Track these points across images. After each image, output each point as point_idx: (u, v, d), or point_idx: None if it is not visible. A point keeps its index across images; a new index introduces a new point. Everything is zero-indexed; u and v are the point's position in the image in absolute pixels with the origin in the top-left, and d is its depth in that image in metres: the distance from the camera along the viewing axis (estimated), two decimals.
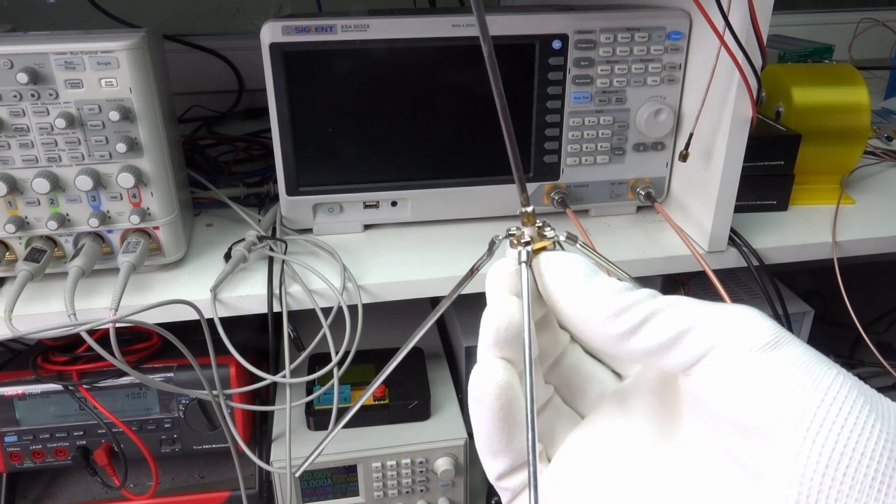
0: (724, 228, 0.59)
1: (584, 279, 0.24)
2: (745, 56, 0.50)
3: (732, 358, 0.22)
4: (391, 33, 0.57)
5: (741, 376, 0.21)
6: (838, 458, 0.19)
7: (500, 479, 0.26)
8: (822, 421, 0.20)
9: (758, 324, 0.22)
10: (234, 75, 1.03)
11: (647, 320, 0.23)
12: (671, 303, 0.23)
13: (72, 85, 0.49)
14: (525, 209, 0.25)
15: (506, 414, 0.24)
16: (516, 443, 0.25)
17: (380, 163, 0.62)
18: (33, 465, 0.72)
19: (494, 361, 0.24)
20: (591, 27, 0.59)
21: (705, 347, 0.22)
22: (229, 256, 0.58)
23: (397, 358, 0.28)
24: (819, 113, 0.68)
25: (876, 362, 0.69)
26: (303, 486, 0.73)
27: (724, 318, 0.22)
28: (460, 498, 0.77)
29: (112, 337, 0.50)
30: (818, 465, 0.19)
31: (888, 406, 0.21)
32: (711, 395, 0.22)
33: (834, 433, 0.20)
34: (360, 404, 0.33)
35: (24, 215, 0.53)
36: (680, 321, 0.23)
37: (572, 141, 0.63)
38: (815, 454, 0.19)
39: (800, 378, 0.21)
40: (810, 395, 0.20)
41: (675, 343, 0.23)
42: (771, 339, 0.22)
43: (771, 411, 0.21)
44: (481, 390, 0.24)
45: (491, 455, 0.26)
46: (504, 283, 0.25)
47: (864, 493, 0.19)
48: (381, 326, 0.73)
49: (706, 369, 0.22)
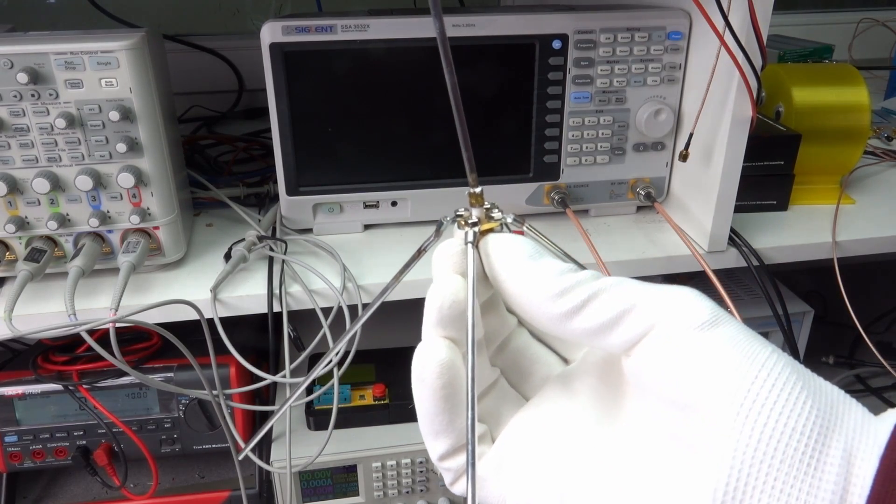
0: (724, 228, 0.59)
1: (529, 260, 0.24)
2: (745, 56, 0.50)
3: (670, 337, 0.22)
4: (391, 33, 0.57)
5: (678, 355, 0.22)
6: (769, 433, 0.20)
7: (441, 460, 0.26)
8: (756, 397, 0.20)
9: (696, 304, 0.23)
10: (234, 75, 1.03)
11: (589, 301, 0.23)
12: (613, 284, 0.24)
13: (72, 85, 0.49)
14: (473, 190, 0.26)
15: (447, 393, 0.24)
16: (458, 423, 0.25)
17: (380, 163, 0.62)
18: (33, 465, 0.72)
19: (437, 340, 0.24)
20: (591, 27, 0.59)
21: (645, 327, 0.23)
22: (229, 256, 0.58)
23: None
24: (819, 113, 0.68)
25: (876, 362, 0.69)
26: (303, 486, 0.73)
27: (663, 298, 0.23)
28: (460, 498, 0.77)
29: (112, 337, 0.50)
30: (750, 441, 0.20)
31: (820, 384, 0.21)
32: (651, 373, 0.23)
33: (766, 409, 0.20)
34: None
35: (24, 215, 0.53)
36: (621, 301, 0.23)
37: (572, 141, 0.63)
38: (747, 430, 0.20)
39: (734, 356, 0.21)
40: (744, 373, 0.21)
41: (615, 323, 0.23)
42: (708, 319, 0.22)
43: (706, 388, 0.21)
44: (423, 368, 0.24)
45: (433, 435, 0.25)
46: (449, 262, 0.25)
47: (795, 467, 0.20)
48: (381, 326, 0.73)
49: (646, 349, 0.23)
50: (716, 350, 0.21)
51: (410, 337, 0.76)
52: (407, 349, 0.78)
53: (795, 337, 0.83)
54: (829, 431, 0.20)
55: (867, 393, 0.95)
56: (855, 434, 0.20)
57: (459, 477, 0.26)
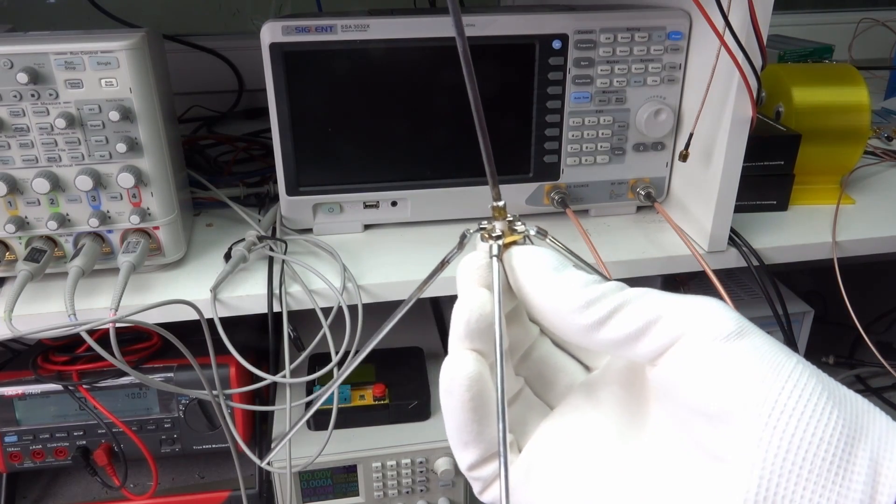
0: (724, 228, 0.59)
1: (554, 272, 0.25)
2: (745, 56, 0.50)
3: (698, 347, 0.22)
4: (391, 33, 0.56)
5: (706, 365, 0.22)
6: (797, 443, 0.20)
7: (471, 470, 0.26)
8: (783, 407, 0.20)
9: (722, 315, 0.23)
10: (234, 75, 1.03)
11: (615, 311, 0.23)
12: (639, 295, 0.24)
13: (72, 85, 0.49)
14: (496, 203, 0.26)
15: (476, 405, 0.25)
16: (487, 433, 0.25)
17: (380, 163, 0.62)
18: (33, 465, 0.72)
19: (465, 353, 0.25)
20: (591, 27, 0.59)
21: (672, 337, 0.23)
22: (229, 256, 0.58)
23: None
24: (819, 113, 0.68)
25: (876, 362, 0.69)
26: (303, 486, 0.73)
27: (690, 309, 0.23)
28: (460, 498, 0.77)
29: (112, 337, 0.50)
30: (779, 450, 0.20)
31: (845, 393, 0.22)
32: (677, 383, 0.23)
33: (794, 419, 0.20)
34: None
35: (24, 215, 0.53)
36: (647, 312, 0.23)
37: (572, 141, 0.63)
38: (776, 439, 0.20)
39: (761, 366, 0.21)
40: (771, 383, 0.21)
41: (642, 333, 0.23)
42: (735, 329, 0.22)
43: (734, 398, 0.21)
44: (452, 381, 0.25)
45: (462, 446, 0.26)
46: (475, 275, 0.26)
47: (823, 476, 0.20)
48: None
49: (672, 359, 0.23)
50: (742, 361, 0.22)
51: (410, 337, 0.76)
52: (407, 349, 0.78)
53: (795, 337, 0.83)
54: (856, 440, 0.20)
55: (867, 393, 0.95)
56: (880, 442, 0.20)
57: (489, 485, 0.27)
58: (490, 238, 0.26)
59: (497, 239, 0.26)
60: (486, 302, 0.25)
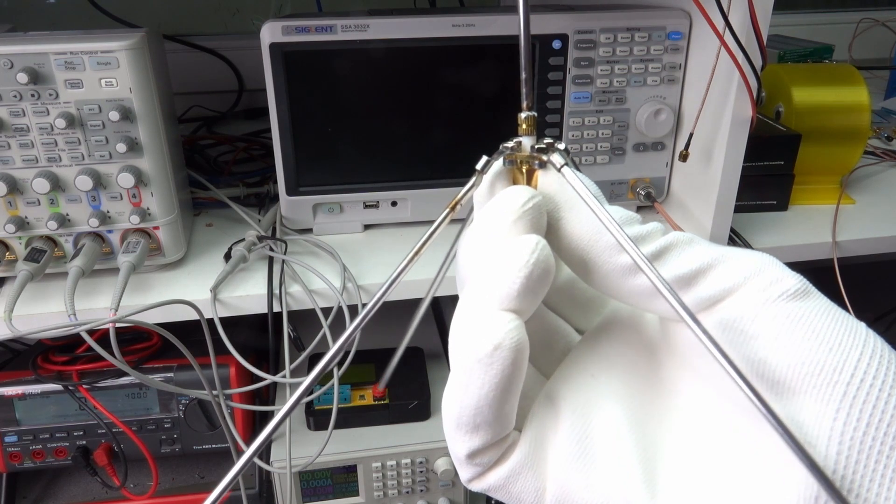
0: (724, 228, 0.59)
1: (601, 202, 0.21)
2: (745, 56, 0.50)
3: (760, 303, 0.20)
4: (391, 33, 0.56)
5: (771, 324, 0.20)
6: (879, 415, 0.18)
7: (473, 457, 0.22)
8: (863, 375, 0.18)
9: (783, 271, 0.20)
10: (234, 75, 1.02)
11: (661, 253, 0.21)
12: (687, 240, 0.21)
13: (72, 85, 0.49)
14: (529, 113, 0.22)
15: (514, 380, 0.20)
16: (504, 414, 0.21)
17: (380, 163, 0.62)
18: (33, 465, 0.72)
19: (509, 317, 0.20)
20: (591, 27, 0.59)
21: (725, 289, 0.20)
22: (229, 256, 0.58)
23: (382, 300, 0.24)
24: (819, 113, 0.68)
25: None
26: (303, 486, 0.73)
27: (746, 260, 0.20)
28: (460, 498, 0.77)
29: (112, 337, 0.50)
30: (859, 423, 0.18)
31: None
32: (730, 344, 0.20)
33: (875, 389, 0.18)
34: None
35: (24, 215, 0.53)
36: (697, 258, 0.21)
37: (572, 141, 0.63)
38: (855, 411, 0.18)
39: (835, 330, 0.19)
40: (848, 349, 0.19)
41: (692, 281, 0.20)
42: (800, 287, 0.20)
43: (806, 364, 0.19)
44: (496, 351, 0.20)
45: (473, 428, 0.21)
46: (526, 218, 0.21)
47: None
48: (381, 326, 0.73)
49: (725, 314, 0.20)
50: (812, 323, 0.19)
51: (411, 337, 0.76)
52: (407, 349, 0.77)
53: None
54: None
55: None
56: None
57: (486, 472, 0.22)
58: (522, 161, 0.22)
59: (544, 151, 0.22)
60: (547, 253, 0.20)
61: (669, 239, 0.21)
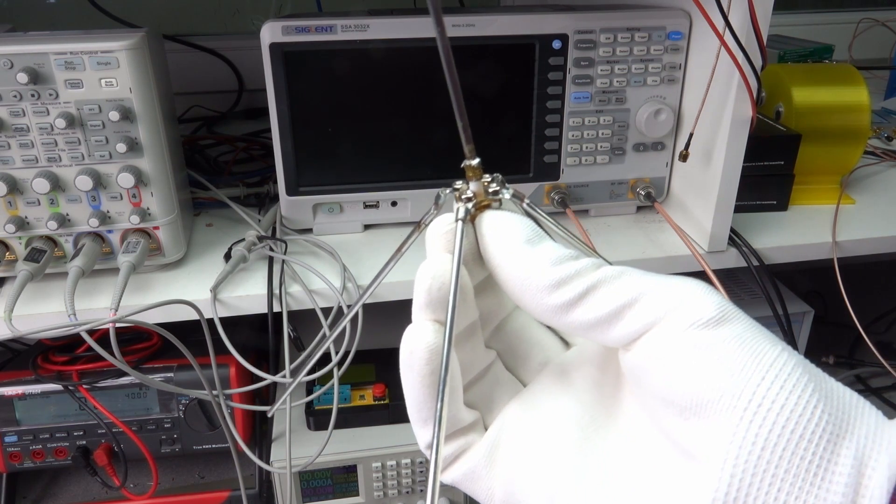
0: (724, 228, 0.59)
1: (526, 244, 0.22)
2: (745, 56, 0.50)
3: (673, 334, 0.21)
4: (391, 33, 0.56)
5: (680, 353, 0.20)
6: (774, 439, 0.18)
7: (429, 448, 0.24)
8: (762, 400, 0.19)
9: (703, 299, 0.21)
10: (234, 75, 1.02)
11: (588, 293, 0.22)
12: (616, 274, 0.22)
13: (72, 85, 0.49)
14: (469, 162, 0.24)
15: (437, 380, 0.22)
16: (448, 410, 0.23)
17: (380, 163, 0.62)
18: (33, 465, 0.72)
19: (426, 324, 0.23)
20: (591, 27, 0.59)
21: (646, 323, 0.21)
22: (229, 256, 0.58)
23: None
24: (819, 113, 0.68)
25: (876, 362, 0.69)
26: (303, 486, 0.73)
27: (669, 292, 0.21)
28: (460, 498, 0.77)
29: (112, 337, 0.50)
30: (753, 447, 0.19)
31: (832, 386, 0.20)
32: (649, 372, 0.21)
33: (773, 413, 0.19)
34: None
35: (24, 215, 0.53)
36: (622, 294, 0.22)
37: (572, 141, 0.63)
38: (750, 435, 0.19)
39: (740, 355, 0.20)
40: (750, 373, 0.19)
41: (616, 318, 0.22)
42: (716, 315, 0.21)
43: (708, 390, 0.20)
44: (411, 354, 0.23)
45: (422, 423, 0.24)
46: (441, 240, 0.23)
47: (801, 477, 0.18)
48: (381, 326, 0.73)
49: (645, 346, 0.21)
50: (720, 349, 0.20)
51: None
52: None
53: (795, 337, 0.83)
54: (840, 437, 0.19)
55: (867, 393, 0.95)
56: (868, 440, 0.19)
57: (449, 465, 0.25)
58: (460, 200, 0.24)
59: (468, 201, 0.23)
60: (449, 269, 0.22)
61: (598, 276, 0.22)
